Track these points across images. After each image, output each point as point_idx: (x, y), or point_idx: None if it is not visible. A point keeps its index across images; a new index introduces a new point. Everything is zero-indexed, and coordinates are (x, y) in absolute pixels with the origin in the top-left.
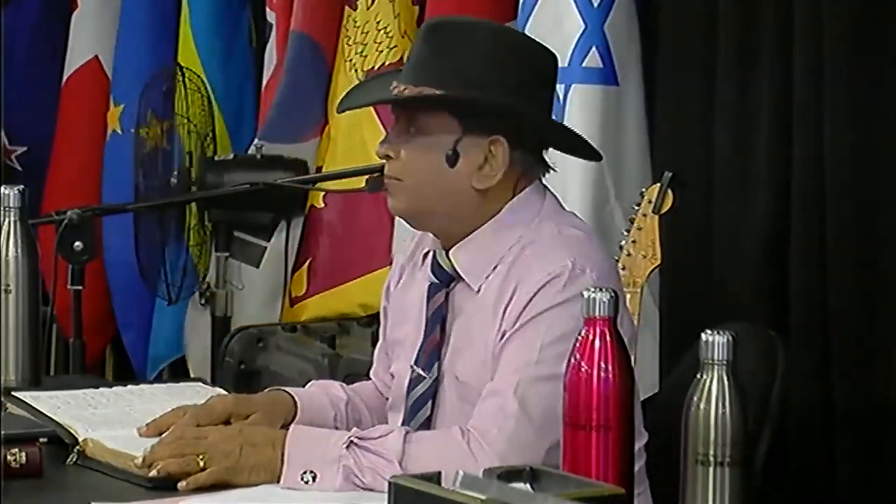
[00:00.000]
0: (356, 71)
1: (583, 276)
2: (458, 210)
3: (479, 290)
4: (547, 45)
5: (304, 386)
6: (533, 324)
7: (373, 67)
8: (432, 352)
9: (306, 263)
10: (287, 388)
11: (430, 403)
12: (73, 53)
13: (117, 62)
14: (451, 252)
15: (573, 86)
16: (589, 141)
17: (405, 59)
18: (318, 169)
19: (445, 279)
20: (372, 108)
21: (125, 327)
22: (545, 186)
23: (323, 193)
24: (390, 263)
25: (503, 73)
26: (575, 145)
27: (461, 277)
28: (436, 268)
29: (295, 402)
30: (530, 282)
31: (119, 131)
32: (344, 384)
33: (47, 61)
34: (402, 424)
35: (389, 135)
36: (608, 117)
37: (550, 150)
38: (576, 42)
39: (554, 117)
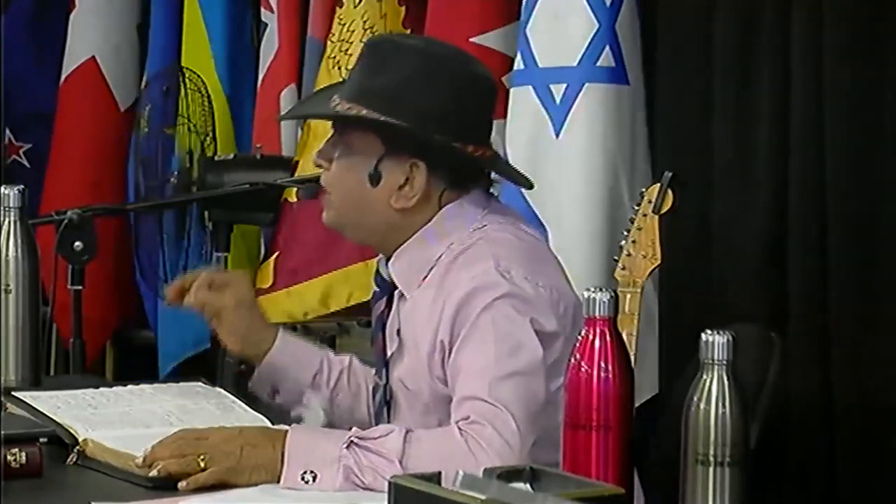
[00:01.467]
0: (340, 69)
1: (508, 275)
2: (378, 226)
3: (411, 298)
4: (484, 67)
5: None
6: (477, 327)
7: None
8: (379, 359)
9: (273, 257)
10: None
11: (385, 410)
12: (71, 54)
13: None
14: (389, 262)
15: (586, 85)
16: (515, 169)
17: None
18: (296, 164)
19: (385, 288)
20: None
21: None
22: (491, 195)
23: (297, 189)
24: (357, 261)
25: (426, 96)
26: (504, 172)
27: (395, 287)
28: (377, 276)
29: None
30: (458, 290)
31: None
32: (360, 360)
33: (48, 58)
34: None
35: (325, 146)
36: (622, 117)
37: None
38: (589, 41)
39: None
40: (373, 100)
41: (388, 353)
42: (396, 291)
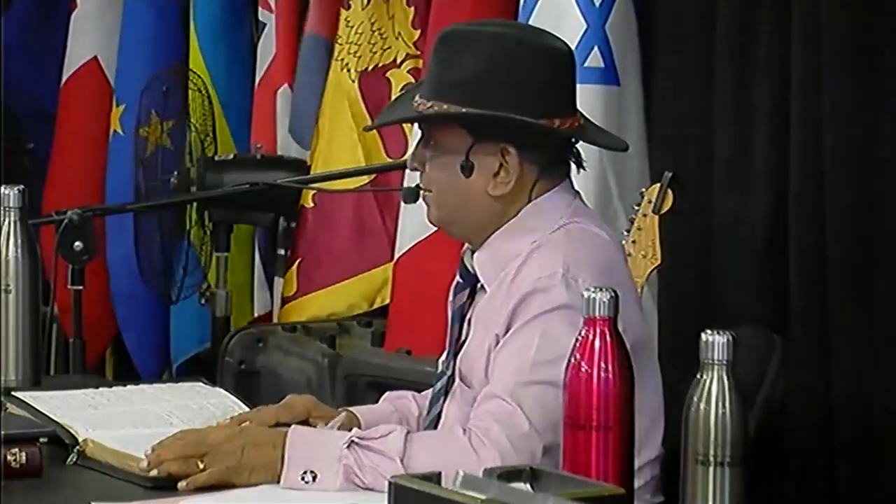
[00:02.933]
0: (348, 71)
1: (574, 284)
2: (478, 217)
3: (489, 292)
4: (561, 38)
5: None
6: (525, 330)
7: (366, 69)
8: (450, 349)
9: (296, 263)
10: (354, 409)
11: (442, 399)
12: (73, 54)
13: (120, 63)
14: (475, 254)
15: None
16: (607, 132)
17: (397, 60)
18: (309, 168)
19: (468, 280)
20: (361, 105)
21: (126, 327)
22: (577, 193)
23: (313, 193)
24: (380, 264)
25: (504, 80)
26: (594, 139)
27: (478, 279)
28: (462, 269)
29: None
30: (521, 288)
31: (121, 132)
32: (416, 394)
33: (50, 58)
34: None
35: (416, 149)
36: (610, 117)
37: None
38: (577, 42)
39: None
40: (451, 93)
41: (459, 343)
42: (479, 284)
